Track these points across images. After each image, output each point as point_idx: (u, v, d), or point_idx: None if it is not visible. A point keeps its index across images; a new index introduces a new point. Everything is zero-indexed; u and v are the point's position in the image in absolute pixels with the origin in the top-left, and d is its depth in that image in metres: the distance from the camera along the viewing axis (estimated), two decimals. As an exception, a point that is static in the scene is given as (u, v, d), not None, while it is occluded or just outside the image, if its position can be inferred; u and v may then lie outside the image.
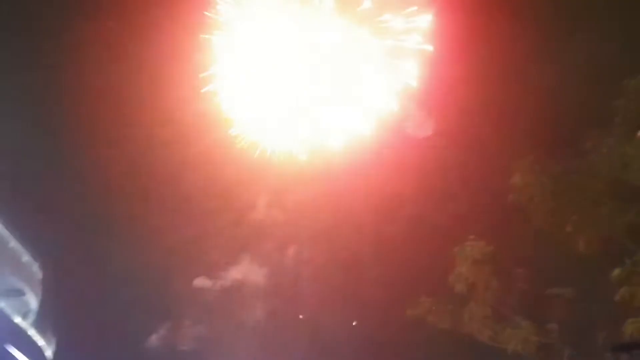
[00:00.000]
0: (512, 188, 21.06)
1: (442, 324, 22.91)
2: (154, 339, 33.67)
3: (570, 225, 20.12)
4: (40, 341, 29.56)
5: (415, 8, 25.23)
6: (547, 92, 26.03)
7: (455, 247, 22.60)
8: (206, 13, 25.39)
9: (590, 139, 19.70)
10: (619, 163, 18.98)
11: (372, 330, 30.14)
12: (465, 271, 22.38)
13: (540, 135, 24.59)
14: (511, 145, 26.04)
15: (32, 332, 29.14)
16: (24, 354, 27.56)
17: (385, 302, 28.60)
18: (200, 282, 33.73)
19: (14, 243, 28.50)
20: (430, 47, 25.94)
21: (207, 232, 31.88)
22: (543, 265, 22.51)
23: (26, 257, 29.36)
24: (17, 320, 28.41)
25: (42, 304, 30.19)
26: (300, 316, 33.49)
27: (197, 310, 33.52)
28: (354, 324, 32.37)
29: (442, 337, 23.63)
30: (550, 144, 22.44)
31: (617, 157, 19.05)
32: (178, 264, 32.63)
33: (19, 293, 29.12)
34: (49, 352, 29.99)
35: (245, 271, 34.14)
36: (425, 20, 25.53)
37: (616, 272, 18.87)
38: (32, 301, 30.00)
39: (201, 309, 33.51)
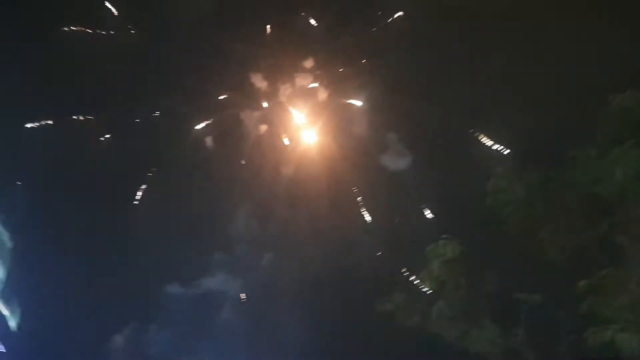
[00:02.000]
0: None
1: (410, 321, 23.15)
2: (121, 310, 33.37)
3: (542, 233, 20.32)
4: (4, 311, 29.21)
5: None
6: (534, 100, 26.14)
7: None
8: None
9: (572, 150, 19.74)
10: (593, 177, 19.06)
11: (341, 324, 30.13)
12: (436, 269, 22.51)
13: (522, 142, 24.60)
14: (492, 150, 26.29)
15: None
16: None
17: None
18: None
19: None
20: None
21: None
22: (514, 269, 22.78)
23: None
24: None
25: (10, 274, 29.73)
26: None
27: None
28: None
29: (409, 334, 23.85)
30: (532, 153, 22.54)
31: (591, 170, 19.13)
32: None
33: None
34: (12, 323, 29.65)
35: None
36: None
37: (583, 282, 19.07)
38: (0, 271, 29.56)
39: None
